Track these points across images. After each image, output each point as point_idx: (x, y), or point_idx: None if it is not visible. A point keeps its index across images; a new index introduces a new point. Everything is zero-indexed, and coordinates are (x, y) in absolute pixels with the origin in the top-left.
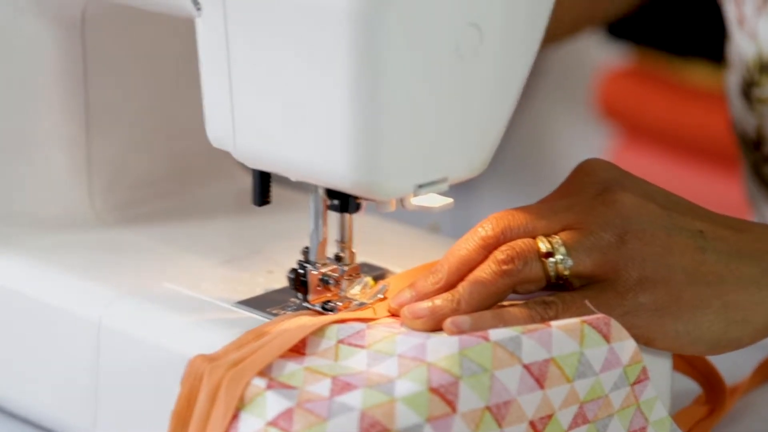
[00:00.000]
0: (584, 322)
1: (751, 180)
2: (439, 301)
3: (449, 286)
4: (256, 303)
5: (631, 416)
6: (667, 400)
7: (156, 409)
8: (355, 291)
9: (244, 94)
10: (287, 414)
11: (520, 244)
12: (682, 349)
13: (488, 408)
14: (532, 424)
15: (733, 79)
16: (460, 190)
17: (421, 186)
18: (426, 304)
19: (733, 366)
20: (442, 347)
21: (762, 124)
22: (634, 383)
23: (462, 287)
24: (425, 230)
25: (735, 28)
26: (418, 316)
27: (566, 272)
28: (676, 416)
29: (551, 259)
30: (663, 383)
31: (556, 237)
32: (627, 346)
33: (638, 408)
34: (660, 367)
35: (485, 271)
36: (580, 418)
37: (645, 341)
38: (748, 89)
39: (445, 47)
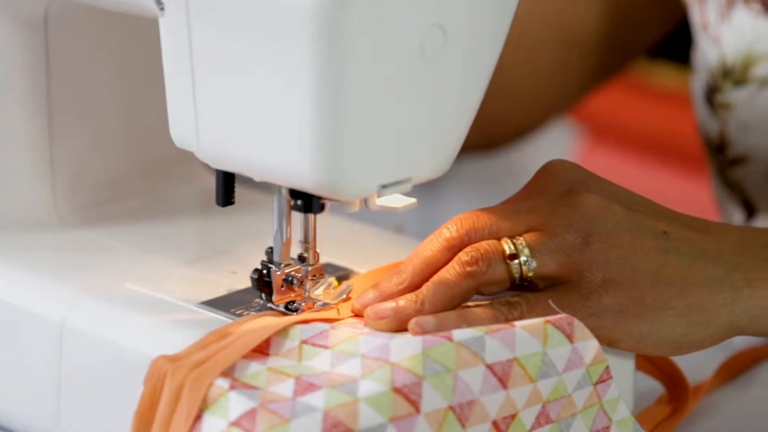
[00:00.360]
0: (547, 322)
1: (717, 182)
2: (402, 301)
3: (413, 287)
4: (220, 303)
5: (594, 416)
6: (630, 400)
7: (119, 409)
8: (318, 291)
9: (207, 95)
10: (250, 414)
11: (485, 245)
12: (645, 350)
13: (451, 408)
14: (495, 424)
15: (697, 84)
16: (424, 190)
17: (384, 186)
18: (389, 305)
19: (696, 366)
20: (406, 347)
21: (725, 129)
22: (597, 383)
23: (426, 288)
24: (390, 231)
25: (699, 34)
26: (381, 317)
27: (530, 274)
28: (639, 416)
29: (515, 261)
30: (626, 383)
31: (520, 238)
32: (590, 346)
33: (601, 407)
34: (623, 367)
35: (449, 272)
36: (543, 418)
37: (609, 342)
38: (711, 95)
39: (408, 48)
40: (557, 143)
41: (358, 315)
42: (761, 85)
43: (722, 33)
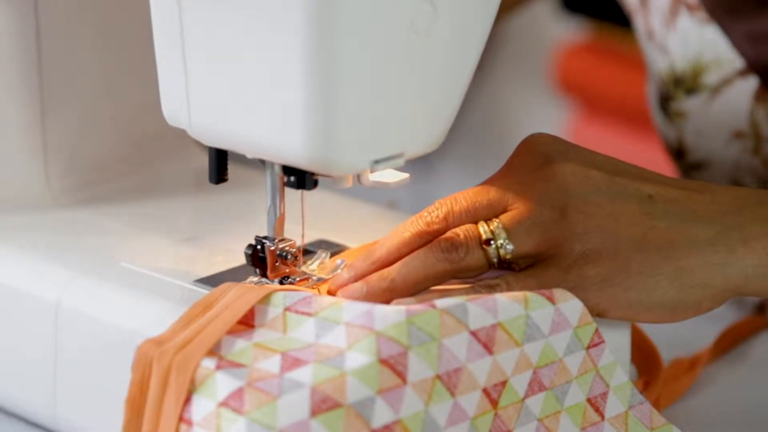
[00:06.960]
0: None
1: None
2: (374, 278)
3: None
4: (215, 281)
5: (591, 382)
6: (627, 370)
7: (115, 388)
8: (313, 266)
9: (198, 72)
10: (238, 393)
11: (462, 232)
12: (637, 317)
13: (438, 377)
14: (485, 391)
15: (651, 91)
16: (418, 165)
17: (377, 161)
18: (358, 286)
19: (693, 337)
20: (390, 314)
21: (682, 136)
22: (590, 347)
23: (397, 267)
24: (383, 206)
25: (645, 41)
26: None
27: (508, 256)
28: None
29: (492, 246)
30: (623, 353)
31: (496, 221)
32: (574, 307)
33: (597, 373)
34: (618, 337)
35: (425, 254)
36: (536, 385)
37: (598, 313)
38: (665, 102)
39: (399, 22)
40: (550, 117)
41: (334, 295)
42: (713, 92)
43: (669, 41)
